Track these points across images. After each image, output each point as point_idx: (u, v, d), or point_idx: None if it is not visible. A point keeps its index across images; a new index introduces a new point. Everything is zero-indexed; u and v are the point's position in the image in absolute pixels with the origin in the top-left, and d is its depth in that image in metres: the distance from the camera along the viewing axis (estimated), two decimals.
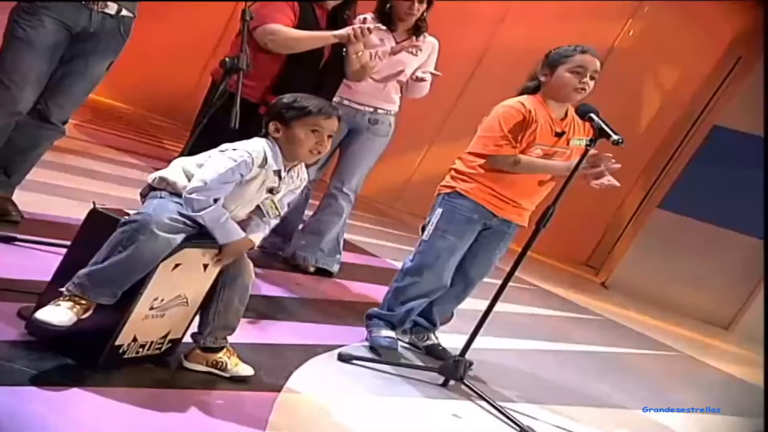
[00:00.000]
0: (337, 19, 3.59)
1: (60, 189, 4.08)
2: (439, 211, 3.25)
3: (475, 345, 3.05)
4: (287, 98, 2.43)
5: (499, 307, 3.04)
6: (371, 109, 4.14)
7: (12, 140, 3.19)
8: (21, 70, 3.03)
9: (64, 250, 2.40)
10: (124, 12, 3.17)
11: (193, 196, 2.25)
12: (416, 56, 4.11)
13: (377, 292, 4.13)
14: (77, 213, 2.88)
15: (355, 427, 2.54)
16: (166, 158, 6.48)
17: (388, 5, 4.04)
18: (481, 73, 8.86)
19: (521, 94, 3.23)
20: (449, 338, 3.53)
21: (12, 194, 3.31)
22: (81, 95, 3.26)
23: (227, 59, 2.89)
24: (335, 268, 4.33)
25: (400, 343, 3.38)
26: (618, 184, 3.03)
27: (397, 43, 4.07)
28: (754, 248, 7.68)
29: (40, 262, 2.80)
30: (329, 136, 2.43)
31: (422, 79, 4.05)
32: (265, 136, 2.41)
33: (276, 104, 2.44)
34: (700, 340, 7.07)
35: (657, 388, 4.64)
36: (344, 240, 4.46)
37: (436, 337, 3.50)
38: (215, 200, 2.26)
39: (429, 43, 4.15)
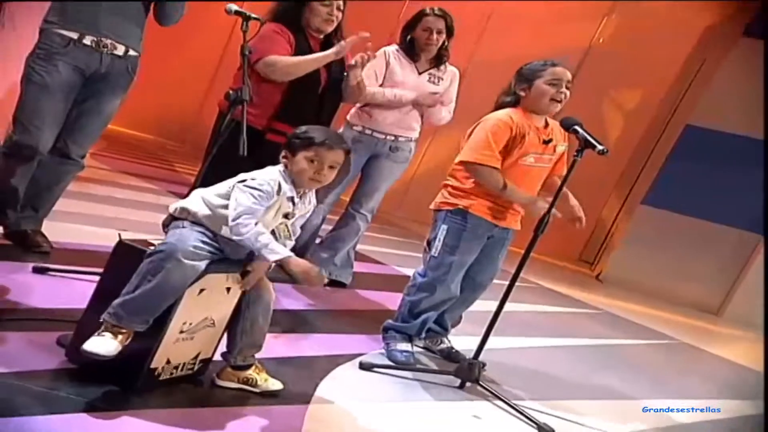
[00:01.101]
0: (329, 45, 3.73)
1: (83, 217, 4.18)
2: (445, 227, 3.32)
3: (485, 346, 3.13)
4: (299, 129, 2.53)
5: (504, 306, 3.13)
6: (392, 137, 4.25)
7: (36, 178, 3.32)
8: (40, 114, 3.15)
9: (94, 277, 2.49)
10: (131, 52, 3.30)
11: (239, 220, 2.32)
12: (437, 85, 4.24)
13: (388, 299, 4.26)
14: (103, 239, 3.04)
15: None
16: (178, 181, 6.73)
17: (409, 37, 4.20)
18: (468, 81, 8.97)
19: (500, 107, 3.34)
20: (458, 340, 3.63)
21: (41, 226, 3.44)
22: (96, 132, 3.38)
23: (231, 91, 3.03)
24: (348, 279, 4.46)
25: (415, 348, 3.47)
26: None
27: (419, 73, 4.22)
28: (735, 238, 8.07)
29: (73, 290, 2.91)
30: (331, 167, 2.50)
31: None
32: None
33: (290, 135, 2.54)
34: (694, 327, 7.16)
35: (661, 378, 4.70)
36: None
37: (449, 341, 3.60)
38: (255, 223, 2.35)
39: (450, 71, 4.28)
